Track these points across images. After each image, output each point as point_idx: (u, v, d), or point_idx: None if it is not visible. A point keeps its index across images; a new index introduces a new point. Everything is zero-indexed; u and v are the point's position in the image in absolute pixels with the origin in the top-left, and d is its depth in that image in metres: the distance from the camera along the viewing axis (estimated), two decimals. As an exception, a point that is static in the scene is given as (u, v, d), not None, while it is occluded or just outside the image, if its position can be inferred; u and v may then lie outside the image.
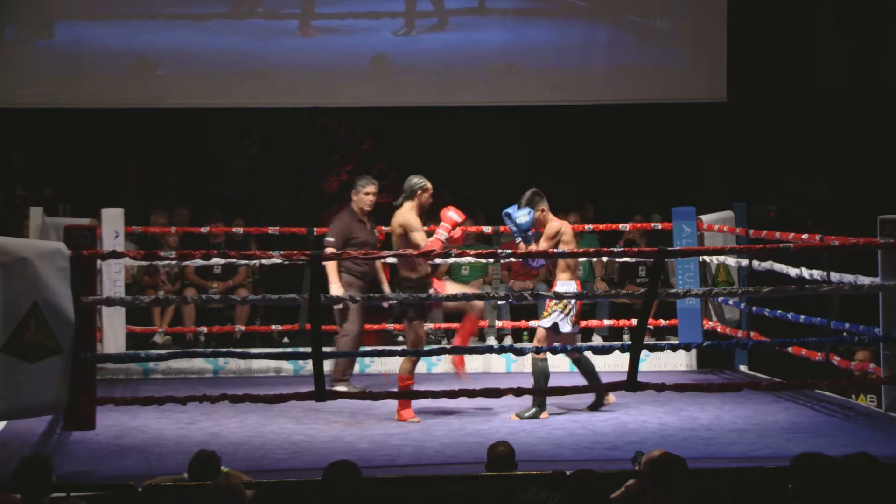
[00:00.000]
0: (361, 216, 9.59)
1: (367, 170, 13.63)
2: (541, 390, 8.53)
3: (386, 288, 9.61)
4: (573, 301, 8.64)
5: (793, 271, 9.36)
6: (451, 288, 8.87)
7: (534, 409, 8.61)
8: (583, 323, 11.26)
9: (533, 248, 8.73)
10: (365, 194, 9.57)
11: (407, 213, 8.65)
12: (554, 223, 8.79)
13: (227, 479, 5.54)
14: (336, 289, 9.24)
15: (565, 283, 8.65)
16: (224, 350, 8.79)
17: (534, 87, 12.99)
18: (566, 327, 8.69)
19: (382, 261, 9.44)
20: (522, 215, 8.70)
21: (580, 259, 11.54)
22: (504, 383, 8.26)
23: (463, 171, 13.23)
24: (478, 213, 12.42)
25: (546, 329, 8.71)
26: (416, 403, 8.76)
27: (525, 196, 8.82)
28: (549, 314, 8.68)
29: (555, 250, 8.65)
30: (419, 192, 8.72)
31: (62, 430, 7.83)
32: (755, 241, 10.04)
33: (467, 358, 10.81)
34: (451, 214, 8.63)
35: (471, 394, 7.72)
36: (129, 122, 12.93)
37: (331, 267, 9.27)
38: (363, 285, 9.48)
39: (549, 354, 8.56)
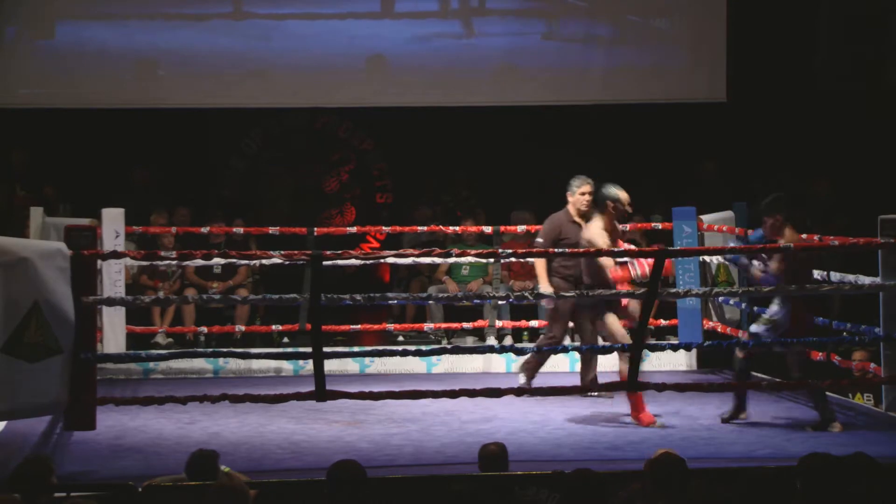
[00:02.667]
0: (577, 217, 9.26)
1: (367, 170, 13.66)
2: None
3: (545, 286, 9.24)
4: None
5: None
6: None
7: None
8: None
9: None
10: (581, 194, 9.27)
11: (592, 229, 8.47)
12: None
13: (229, 479, 5.54)
14: (545, 287, 9.15)
15: None
16: (224, 350, 8.79)
17: (534, 87, 12.98)
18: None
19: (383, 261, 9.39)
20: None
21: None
22: (504, 383, 8.27)
23: (463, 171, 13.23)
24: (478, 213, 12.42)
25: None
26: (416, 403, 8.76)
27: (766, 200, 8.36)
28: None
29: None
30: (609, 203, 8.49)
31: (62, 430, 7.83)
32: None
33: (469, 358, 10.84)
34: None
35: (471, 394, 7.72)
36: (130, 122, 12.93)
37: (540, 267, 9.18)
38: (571, 287, 9.14)
39: None
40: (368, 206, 13.56)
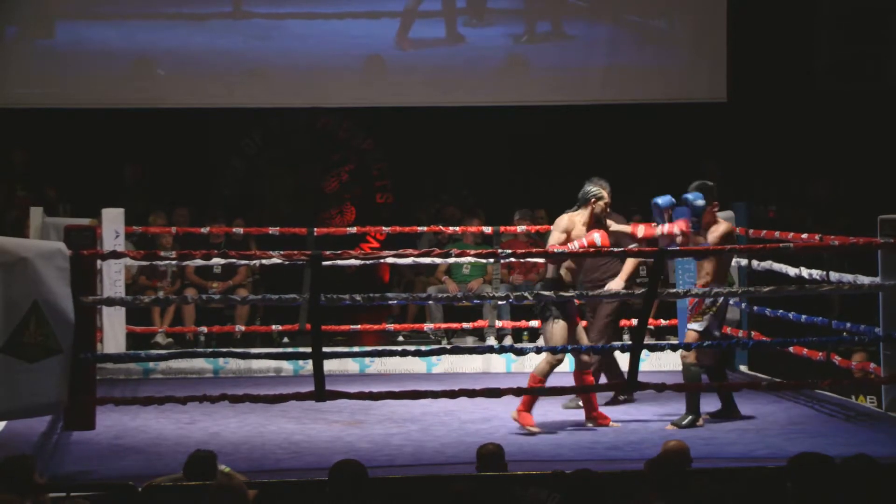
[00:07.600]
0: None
1: (367, 170, 13.66)
2: (692, 396, 8.22)
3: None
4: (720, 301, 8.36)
5: (792, 271, 9.36)
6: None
7: (690, 417, 8.27)
8: (583, 323, 11.24)
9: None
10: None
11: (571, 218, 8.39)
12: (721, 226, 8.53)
13: (228, 479, 5.53)
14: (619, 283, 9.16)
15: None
16: (224, 350, 8.78)
17: (534, 87, 12.98)
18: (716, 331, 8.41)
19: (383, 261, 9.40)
20: (698, 199, 8.52)
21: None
22: (504, 383, 8.25)
23: (462, 171, 13.23)
24: (478, 212, 12.41)
25: (698, 332, 8.38)
26: (416, 403, 8.75)
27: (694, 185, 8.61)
28: (703, 318, 8.40)
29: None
30: (592, 200, 8.45)
31: (62, 430, 7.83)
32: (755, 240, 10.04)
33: (469, 358, 10.83)
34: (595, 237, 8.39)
35: (471, 394, 7.72)
36: (129, 122, 12.93)
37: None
38: None
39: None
40: (368, 206, 13.56)
